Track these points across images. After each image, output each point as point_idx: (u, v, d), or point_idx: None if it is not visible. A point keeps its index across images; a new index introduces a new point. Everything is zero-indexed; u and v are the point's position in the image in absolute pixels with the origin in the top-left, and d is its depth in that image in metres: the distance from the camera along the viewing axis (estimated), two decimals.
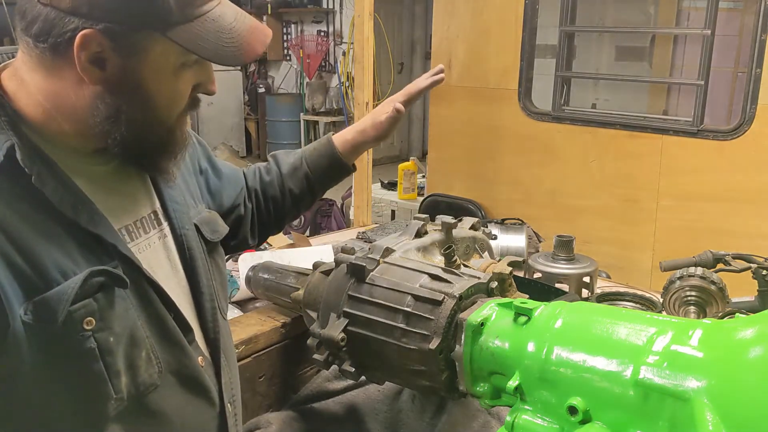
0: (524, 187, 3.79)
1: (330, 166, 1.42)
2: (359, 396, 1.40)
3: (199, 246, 1.11)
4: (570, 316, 0.84)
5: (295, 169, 1.41)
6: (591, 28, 4.39)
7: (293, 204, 1.42)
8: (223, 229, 1.20)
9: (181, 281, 1.07)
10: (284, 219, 1.45)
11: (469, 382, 0.95)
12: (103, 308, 0.89)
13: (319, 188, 1.44)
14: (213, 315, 1.10)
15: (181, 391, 1.01)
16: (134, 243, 0.99)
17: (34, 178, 0.85)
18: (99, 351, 0.88)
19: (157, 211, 1.07)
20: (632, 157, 3.41)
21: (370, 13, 2.65)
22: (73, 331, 0.86)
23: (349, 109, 8.30)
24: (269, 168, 1.44)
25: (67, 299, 0.85)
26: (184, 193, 1.14)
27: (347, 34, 8.58)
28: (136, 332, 0.93)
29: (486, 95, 3.87)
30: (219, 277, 1.16)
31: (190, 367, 1.02)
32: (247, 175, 1.41)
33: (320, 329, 1.08)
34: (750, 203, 3.07)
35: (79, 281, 0.86)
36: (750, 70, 3.00)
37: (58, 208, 0.87)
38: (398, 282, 1.05)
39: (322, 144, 1.44)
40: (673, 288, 1.52)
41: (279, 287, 1.45)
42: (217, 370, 1.09)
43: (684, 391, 0.68)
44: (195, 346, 1.04)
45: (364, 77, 2.72)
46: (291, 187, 1.41)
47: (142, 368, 0.94)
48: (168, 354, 0.98)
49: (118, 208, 0.98)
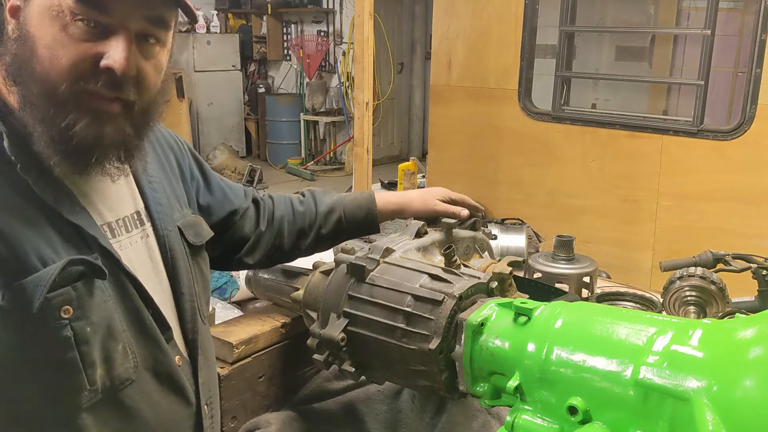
0: (524, 187, 3.80)
1: (365, 219, 1.42)
2: (359, 396, 1.40)
3: (182, 248, 1.11)
4: (570, 316, 0.84)
5: (331, 211, 1.41)
6: (591, 28, 4.39)
7: (315, 242, 1.42)
8: (207, 233, 1.20)
9: (162, 281, 1.07)
10: (299, 253, 1.44)
11: (469, 382, 0.95)
12: (82, 297, 0.89)
13: (345, 237, 1.44)
14: (192, 316, 1.10)
15: (157, 388, 1.01)
16: (116, 240, 1.00)
17: (20, 166, 0.87)
18: (75, 340, 0.88)
19: (141, 212, 1.07)
20: (632, 157, 3.41)
21: (370, 13, 2.66)
22: (49, 318, 0.86)
23: (349, 109, 8.30)
24: (303, 201, 1.44)
25: (44, 285, 0.85)
26: (169, 197, 1.14)
27: (347, 34, 8.58)
28: (113, 324, 0.93)
29: (486, 95, 3.87)
30: (201, 281, 1.16)
31: (166, 365, 1.02)
32: (276, 201, 1.41)
33: (320, 329, 1.08)
34: (750, 203, 3.07)
35: (58, 268, 0.86)
36: (750, 70, 3.00)
37: (40, 196, 0.88)
38: (398, 282, 1.05)
39: (364, 198, 1.44)
40: (673, 288, 1.52)
41: (279, 287, 1.45)
42: (195, 370, 1.09)
43: (684, 391, 0.68)
44: (173, 345, 1.04)
45: (364, 77, 2.73)
46: (321, 225, 1.41)
47: (117, 361, 0.94)
48: (144, 349, 0.98)
49: (100, 205, 0.99)
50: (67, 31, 0.87)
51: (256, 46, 9.38)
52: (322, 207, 1.42)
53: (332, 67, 8.99)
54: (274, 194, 1.46)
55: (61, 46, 0.87)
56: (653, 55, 4.52)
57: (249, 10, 9.38)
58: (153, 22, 0.92)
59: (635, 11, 4.57)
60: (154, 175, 1.12)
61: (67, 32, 0.87)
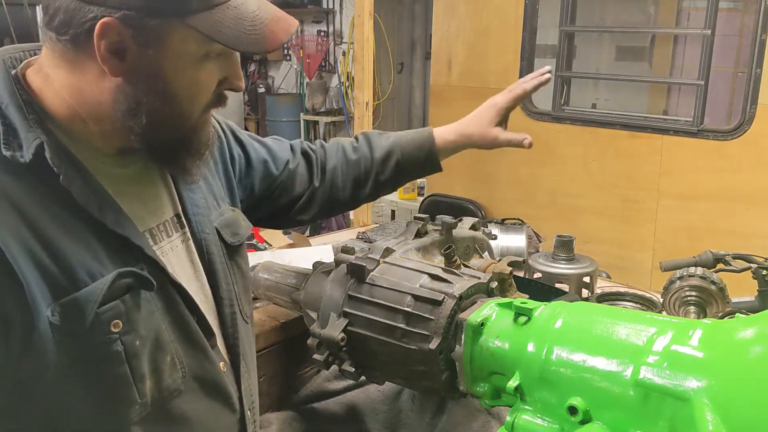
0: (524, 187, 3.79)
1: (425, 160, 1.37)
2: (359, 396, 1.40)
3: (220, 250, 1.10)
4: (570, 316, 0.84)
5: (389, 155, 1.36)
6: (591, 28, 4.39)
7: (374, 189, 1.38)
8: (246, 230, 1.18)
9: (204, 286, 1.07)
10: (358, 202, 1.41)
11: (469, 382, 0.95)
12: (130, 310, 0.88)
13: (406, 179, 1.40)
14: (233, 320, 1.09)
15: (204, 396, 1.00)
16: (158, 246, 0.98)
17: (62, 177, 0.84)
18: (125, 354, 0.87)
19: (180, 215, 1.06)
20: (632, 157, 3.41)
21: (370, 13, 2.65)
22: (100, 333, 0.85)
23: (349, 109, 8.29)
24: (357, 147, 1.39)
25: (95, 300, 0.84)
26: (206, 196, 1.12)
27: (347, 34, 8.58)
28: (162, 336, 0.92)
29: (486, 95, 3.83)
30: (241, 281, 1.15)
31: (212, 373, 1.01)
32: (328, 151, 1.37)
33: (320, 329, 1.08)
34: (750, 203, 3.07)
35: (108, 282, 0.85)
36: (750, 70, 3.00)
37: (84, 208, 0.86)
38: (398, 282, 1.05)
39: (422, 136, 1.39)
40: (673, 288, 1.52)
41: (279, 287, 1.45)
42: (237, 376, 1.09)
43: (684, 391, 0.68)
44: (217, 351, 1.04)
45: (364, 77, 2.72)
46: (379, 171, 1.36)
47: (166, 373, 0.93)
48: (192, 359, 0.97)
49: (141, 210, 0.97)
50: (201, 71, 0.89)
51: None
52: (378, 152, 1.37)
53: (332, 67, 8.98)
54: (326, 143, 1.41)
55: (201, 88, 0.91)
56: (653, 55, 4.52)
57: None
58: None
59: (635, 11, 4.57)
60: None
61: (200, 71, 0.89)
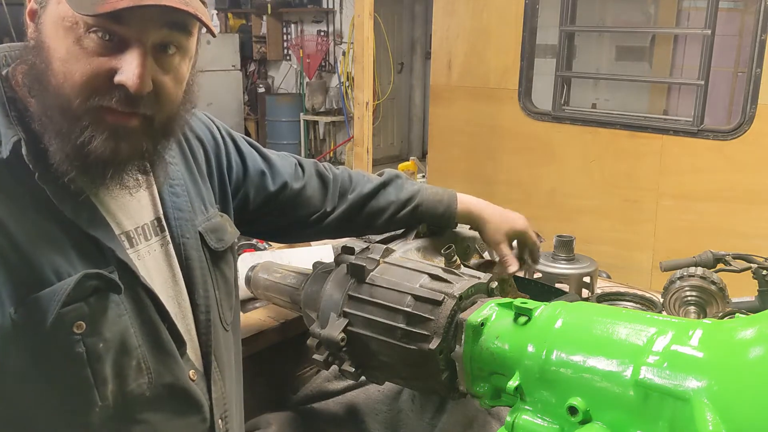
0: (524, 187, 3.79)
1: (442, 215, 1.38)
2: (359, 396, 1.40)
3: (201, 255, 1.08)
4: (570, 316, 0.84)
5: (410, 198, 1.37)
6: (591, 28, 4.39)
7: (387, 223, 1.38)
8: (232, 236, 1.16)
9: (180, 291, 1.05)
10: (369, 231, 1.40)
11: (469, 382, 0.95)
12: (95, 313, 0.87)
13: (417, 224, 1.39)
14: (207, 327, 1.07)
15: (171, 403, 0.99)
16: (134, 249, 0.97)
17: (38, 175, 0.84)
18: (87, 356, 0.86)
19: (161, 218, 1.05)
20: (632, 157, 3.41)
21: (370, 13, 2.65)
22: (62, 333, 0.85)
23: (349, 109, 8.30)
24: (385, 183, 1.39)
25: (58, 300, 0.83)
26: (193, 200, 1.10)
27: (347, 34, 8.58)
28: (128, 340, 0.91)
29: (486, 95, 3.87)
30: (224, 287, 1.13)
31: (181, 380, 1.00)
32: (354, 179, 1.38)
33: (320, 329, 1.08)
34: (750, 203, 3.07)
35: (72, 283, 0.85)
36: (750, 70, 3.00)
37: (58, 207, 0.86)
38: (398, 282, 1.05)
39: (447, 195, 1.40)
40: (673, 288, 1.52)
41: (279, 287, 1.45)
42: (209, 384, 1.07)
43: (684, 391, 0.68)
44: (186, 359, 1.02)
45: (364, 77, 2.73)
46: (397, 209, 1.36)
47: (131, 377, 0.92)
48: (160, 365, 0.96)
49: (120, 213, 0.97)
50: (81, 44, 0.83)
51: (256, 45, 9.37)
52: (403, 193, 1.37)
53: (332, 67, 8.98)
54: (352, 171, 1.41)
55: (75, 60, 0.83)
56: (653, 55, 4.52)
57: (249, 10, 9.37)
58: (173, 27, 0.87)
59: (635, 11, 4.57)
60: (177, 178, 1.08)
61: (81, 45, 0.83)
